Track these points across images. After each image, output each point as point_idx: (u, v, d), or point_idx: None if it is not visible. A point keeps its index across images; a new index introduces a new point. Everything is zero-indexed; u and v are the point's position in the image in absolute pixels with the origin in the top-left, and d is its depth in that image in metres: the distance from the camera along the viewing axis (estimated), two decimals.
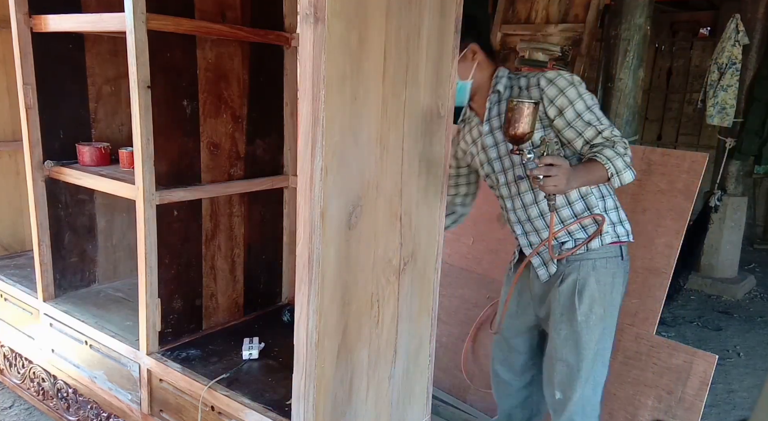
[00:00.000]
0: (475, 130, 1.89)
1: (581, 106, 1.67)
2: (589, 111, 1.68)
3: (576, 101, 1.67)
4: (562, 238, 1.78)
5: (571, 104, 1.67)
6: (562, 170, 1.49)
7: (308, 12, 1.23)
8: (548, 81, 1.68)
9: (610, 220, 1.77)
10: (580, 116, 1.67)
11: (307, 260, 1.36)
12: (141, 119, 1.72)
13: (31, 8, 2.00)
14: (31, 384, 2.43)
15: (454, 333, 2.83)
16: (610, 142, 1.66)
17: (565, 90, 1.67)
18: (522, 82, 1.75)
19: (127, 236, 2.43)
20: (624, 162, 1.63)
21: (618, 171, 1.63)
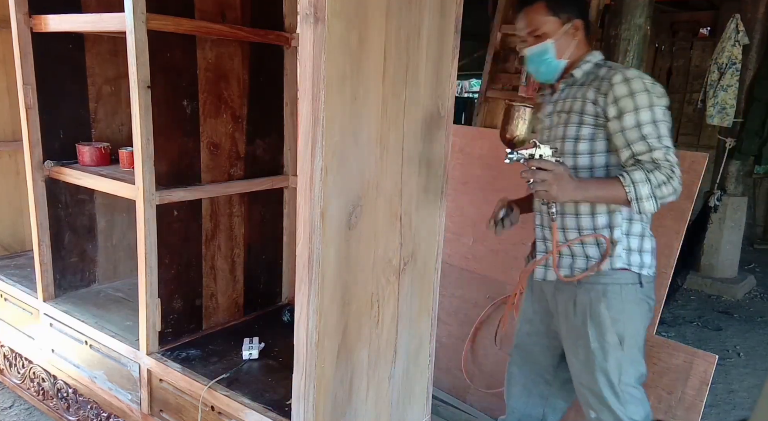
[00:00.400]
0: (544, 106, 1.81)
1: (646, 117, 1.53)
2: (652, 125, 1.53)
3: (642, 110, 1.53)
4: (576, 252, 1.70)
5: (636, 111, 1.53)
6: (553, 176, 1.45)
7: (308, 12, 1.24)
8: (623, 79, 1.56)
9: (628, 245, 1.66)
10: (639, 126, 1.53)
11: (307, 260, 1.36)
12: (141, 119, 1.72)
13: (31, 8, 2.00)
14: (31, 384, 2.42)
15: (454, 333, 2.83)
16: (654, 165, 1.51)
17: (635, 93, 1.53)
18: (602, 72, 1.64)
19: (127, 236, 2.43)
20: (649, 190, 1.49)
21: (639, 197, 1.49)
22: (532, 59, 1.70)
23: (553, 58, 1.68)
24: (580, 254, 1.71)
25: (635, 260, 1.67)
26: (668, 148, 1.53)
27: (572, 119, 1.65)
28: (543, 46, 1.67)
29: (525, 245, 2.67)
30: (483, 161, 2.86)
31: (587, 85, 1.65)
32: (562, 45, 1.68)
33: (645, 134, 1.53)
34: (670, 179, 1.50)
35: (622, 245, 1.66)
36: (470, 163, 2.90)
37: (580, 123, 1.64)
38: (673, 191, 1.51)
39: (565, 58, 1.69)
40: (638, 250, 1.67)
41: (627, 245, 1.66)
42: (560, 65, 1.69)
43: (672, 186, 1.50)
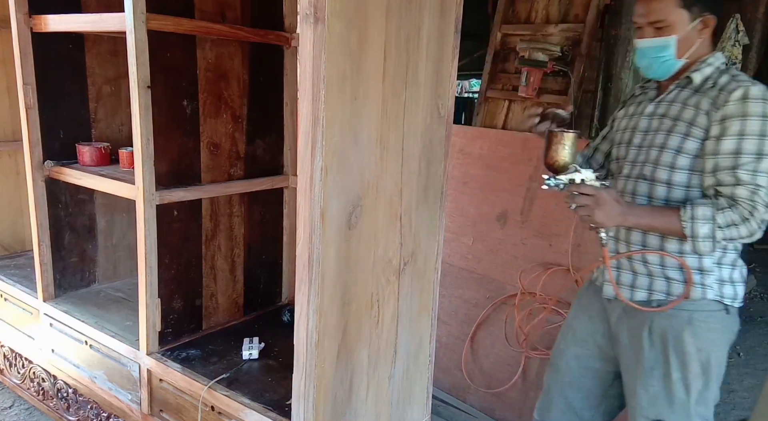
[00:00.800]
0: (642, 104, 1.62)
1: (750, 146, 1.35)
2: (753, 157, 1.35)
3: (749, 138, 1.35)
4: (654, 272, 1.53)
5: (740, 137, 1.36)
6: (595, 201, 1.37)
7: (308, 12, 1.23)
8: (742, 96, 1.36)
9: (720, 276, 1.49)
10: (737, 155, 1.36)
11: (307, 260, 1.36)
12: (141, 119, 1.72)
13: (31, 8, 2.00)
14: (31, 384, 2.42)
15: (454, 333, 2.83)
16: (730, 202, 1.36)
17: (749, 117, 1.35)
18: (723, 80, 1.44)
19: (127, 235, 2.43)
20: (709, 230, 1.36)
21: (694, 235, 1.37)
22: (645, 53, 1.50)
23: (673, 57, 1.47)
24: (659, 275, 1.53)
25: (728, 292, 1.51)
26: (759, 187, 1.35)
27: (678, 128, 1.47)
28: (664, 42, 1.47)
29: (525, 245, 2.67)
30: (483, 161, 2.87)
31: (703, 92, 1.46)
32: (686, 43, 1.47)
33: (739, 165, 1.36)
34: (745, 221, 1.35)
35: (714, 275, 1.49)
36: (470, 163, 2.90)
37: (686, 135, 1.45)
38: (748, 234, 1.36)
39: (686, 58, 1.48)
40: (730, 280, 1.51)
41: (719, 275, 1.50)
42: (678, 65, 1.49)
43: (747, 228, 1.36)
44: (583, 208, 1.40)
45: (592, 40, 2.94)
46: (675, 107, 1.50)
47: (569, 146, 1.42)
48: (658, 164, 1.49)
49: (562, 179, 1.41)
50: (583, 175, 1.41)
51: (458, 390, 2.76)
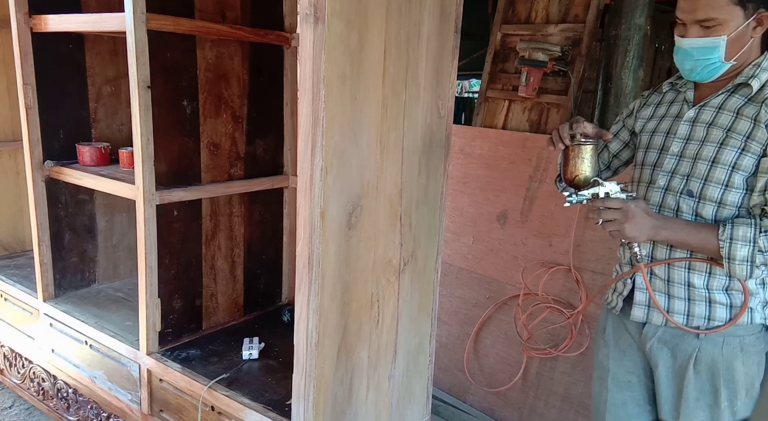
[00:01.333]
0: (676, 106, 1.46)
1: None
2: None
3: None
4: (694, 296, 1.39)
5: None
6: (623, 214, 1.28)
7: (308, 12, 1.24)
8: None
9: (764, 298, 1.38)
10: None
11: (307, 260, 1.36)
12: (141, 119, 1.72)
13: (31, 8, 2.00)
14: (31, 384, 2.42)
15: (454, 333, 2.83)
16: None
17: None
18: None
19: (127, 235, 2.43)
20: (748, 253, 1.26)
21: (731, 257, 1.27)
22: (689, 54, 1.33)
23: (721, 60, 1.31)
24: (700, 299, 1.39)
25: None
26: None
27: (731, 141, 1.31)
28: (713, 43, 1.29)
29: (525, 245, 2.67)
30: (483, 161, 2.87)
31: (759, 101, 1.30)
32: (738, 43, 1.30)
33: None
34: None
35: (758, 297, 1.38)
36: (470, 163, 2.90)
37: (743, 149, 1.30)
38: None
39: (734, 61, 1.32)
40: None
41: (764, 297, 1.39)
42: (725, 68, 1.34)
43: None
44: (612, 223, 1.30)
45: (592, 40, 2.94)
46: (725, 116, 1.34)
47: (588, 158, 1.34)
48: (709, 181, 1.34)
49: (585, 195, 1.33)
50: (607, 188, 1.32)
51: (458, 390, 2.76)
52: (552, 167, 2.64)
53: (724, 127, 1.33)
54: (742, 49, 1.31)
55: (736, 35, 1.28)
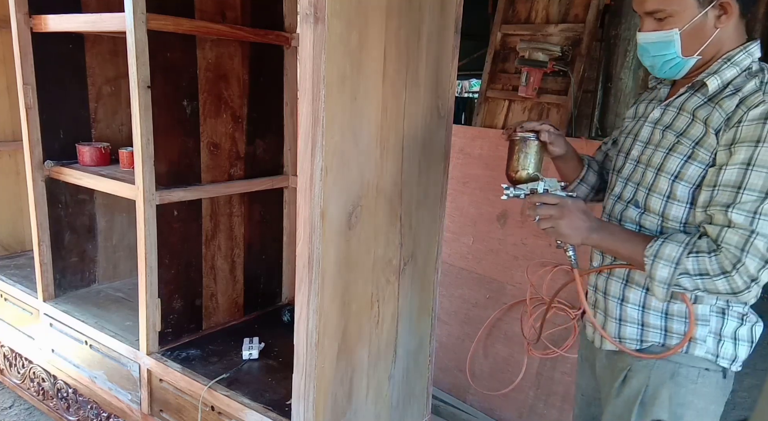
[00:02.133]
0: (651, 105, 1.32)
1: (757, 181, 1.05)
2: (759, 196, 1.05)
3: (758, 169, 1.05)
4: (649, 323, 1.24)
5: (747, 167, 1.06)
6: (559, 210, 1.17)
7: (308, 12, 1.23)
8: (763, 117, 1.06)
9: (718, 328, 1.19)
10: (740, 190, 1.06)
11: (307, 260, 1.35)
12: (141, 119, 1.72)
13: (31, 8, 2.00)
14: (31, 384, 2.42)
15: (454, 333, 2.83)
16: (712, 247, 1.08)
17: (763, 142, 1.05)
18: (750, 86, 1.12)
19: (127, 235, 2.43)
20: (668, 274, 1.10)
21: (652, 277, 1.13)
22: (646, 50, 1.21)
23: (677, 55, 1.17)
24: (631, 321, 1.26)
25: (727, 352, 1.20)
26: (755, 234, 1.05)
27: (680, 148, 1.17)
28: (665, 36, 1.16)
29: (525, 245, 2.67)
30: (483, 161, 2.87)
31: (718, 102, 1.14)
32: (696, 37, 1.15)
33: (738, 202, 1.06)
34: (725, 274, 1.06)
35: (708, 327, 1.20)
36: (470, 163, 2.90)
37: (689, 157, 1.15)
38: (728, 291, 1.08)
39: (697, 56, 1.17)
40: (731, 337, 1.20)
41: (716, 328, 1.20)
42: (688, 64, 1.19)
43: (728, 284, 1.06)
44: (546, 220, 1.19)
45: (592, 40, 2.94)
46: (682, 119, 1.19)
47: (532, 154, 1.28)
48: (653, 191, 1.21)
49: (523, 189, 1.25)
50: (546, 184, 1.24)
51: (458, 390, 2.76)
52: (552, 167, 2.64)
53: (678, 131, 1.19)
54: (706, 43, 1.16)
55: (691, 28, 1.14)
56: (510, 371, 2.62)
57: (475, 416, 2.65)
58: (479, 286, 2.79)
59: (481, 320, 2.75)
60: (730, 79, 1.16)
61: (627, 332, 1.27)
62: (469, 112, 7.52)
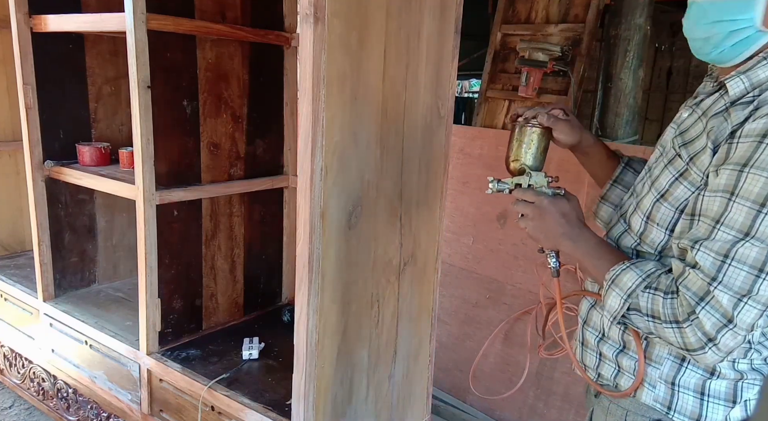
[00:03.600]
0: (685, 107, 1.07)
1: (738, 216, 0.84)
2: (736, 236, 0.84)
3: (742, 202, 0.83)
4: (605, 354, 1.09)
5: (730, 197, 0.85)
6: (535, 211, 1.06)
7: (308, 12, 1.23)
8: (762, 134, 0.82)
9: (665, 374, 1.00)
10: (716, 223, 0.86)
11: (307, 260, 1.35)
12: (141, 119, 1.72)
13: (31, 8, 2.00)
14: (31, 384, 2.42)
15: (454, 333, 2.83)
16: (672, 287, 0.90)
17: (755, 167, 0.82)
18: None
19: (127, 235, 2.43)
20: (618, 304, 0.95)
21: (604, 303, 0.99)
22: (703, 11, 0.91)
23: (753, 24, 0.87)
24: (610, 360, 1.08)
25: (684, 408, 0.99)
26: (719, 286, 0.84)
27: (677, 161, 0.98)
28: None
29: (525, 245, 2.67)
30: (483, 161, 2.87)
31: (732, 109, 0.90)
32: None
33: (709, 239, 0.86)
34: (676, 324, 0.88)
35: (659, 372, 1.01)
36: (470, 163, 2.90)
37: (681, 175, 0.96)
38: (679, 345, 0.90)
39: None
40: (697, 391, 0.99)
41: (668, 374, 1.01)
42: (756, 43, 0.88)
43: (678, 336, 0.88)
44: (523, 219, 1.08)
45: (592, 40, 2.94)
46: (698, 126, 0.96)
47: (528, 143, 1.15)
48: (639, 207, 1.05)
49: (507, 183, 1.14)
50: (533, 179, 1.12)
51: (458, 390, 2.76)
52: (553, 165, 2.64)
53: (685, 140, 0.98)
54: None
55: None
56: (510, 372, 2.62)
57: (476, 416, 2.65)
58: (479, 286, 2.79)
59: (481, 320, 2.75)
60: (762, 82, 0.87)
61: (587, 359, 1.13)
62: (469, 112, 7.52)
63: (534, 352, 2.56)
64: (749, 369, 0.98)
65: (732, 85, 0.90)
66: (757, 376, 0.98)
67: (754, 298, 0.83)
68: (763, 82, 0.87)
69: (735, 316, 0.83)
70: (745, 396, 0.98)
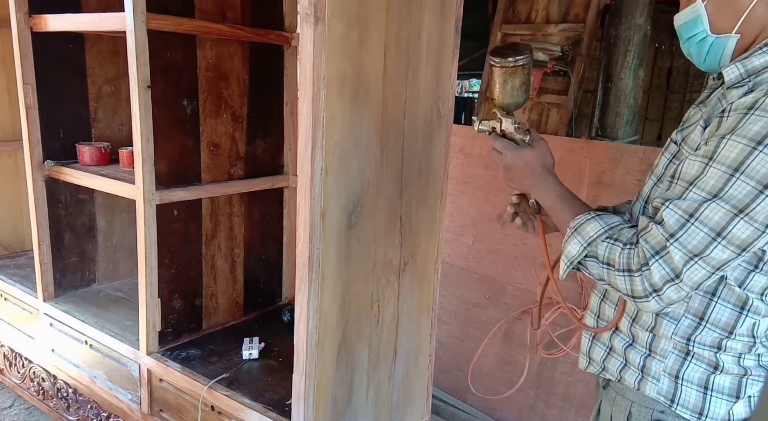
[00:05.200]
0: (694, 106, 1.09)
1: (712, 180, 0.86)
2: (705, 198, 0.86)
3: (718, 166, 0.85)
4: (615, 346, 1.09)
5: (708, 162, 0.87)
6: (502, 159, 1.11)
7: (308, 12, 1.23)
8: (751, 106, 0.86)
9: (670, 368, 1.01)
10: (690, 185, 0.89)
11: (307, 259, 1.35)
12: (141, 119, 1.71)
13: (31, 8, 2.00)
14: (31, 384, 2.42)
15: (454, 333, 2.83)
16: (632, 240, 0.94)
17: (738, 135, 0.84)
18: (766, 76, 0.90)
19: (127, 235, 2.43)
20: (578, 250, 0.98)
21: (563, 249, 1.02)
22: (680, 34, 1.03)
23: (707, 32, 0.97)
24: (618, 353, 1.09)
25: (688, 401, 1.00)
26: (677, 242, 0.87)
27: (672, 146, 1.03)
28: (691, 12, 0.99)
29: (525, 245, 2.67)
30: (483, 161, 2.86)
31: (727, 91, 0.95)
32: (726, 7, 0.94)
33: (680, 198, 0.89)
34: (628, 272, 0.92)
35: (664, 363, 1.01)
36: (470, 163, 2.90)
37: (673, 156, 1.02)
38: (626, 292, 0.93)
39: (735, 34, 0.95)
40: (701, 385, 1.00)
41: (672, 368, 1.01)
42: (723, 46, 0.96)
43: (628, 283, 0.92)
44: (499, 167, 1.13)
45: (592, 39, 2.94)
46: (696, 116, 1.02)
47: (502, 83, 1.10)
48: (639, 196, 1.09)
49: (485, 127, 1.15)
50: (504, 124, 1.11)
51: (458, 390, 2.76)
52: None
53: (685, 127, 1.03)
54: (743, 15, 0.92)
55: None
56: (509, 371, 2.62)
57: (476, 416, 2.65)
58: (479, 286, 2.79)
59: (481, 320, 2.75)
60: (758, 69, 0.91)
61: (594, 352, 1.13)
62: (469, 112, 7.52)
63: (534, 352, 2.56)
64: (755, 365, 0.99)
65: (728, 72, 0.95)
66: (762, 372, 0.99)
67: (705, 259, 0.87)
68: (758, 69, 0.92)
69: (683, 272, 0.87)
70: (749, 392, 0.99)
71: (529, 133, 1.11)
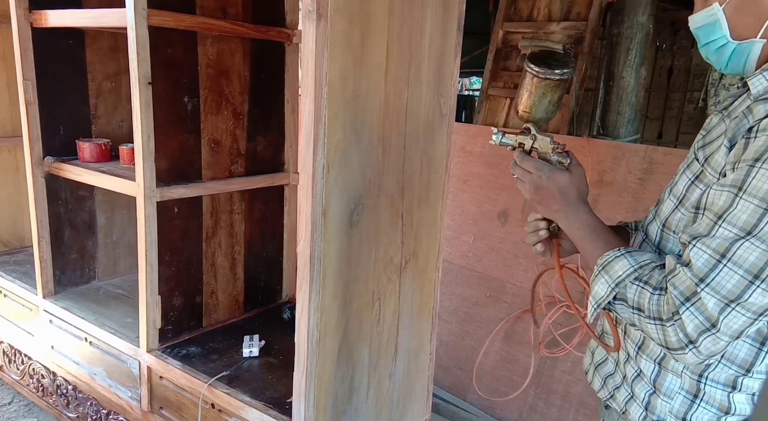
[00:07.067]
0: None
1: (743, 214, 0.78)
2: (738, 235, 0.78)
3: (748, 198, 0.78)
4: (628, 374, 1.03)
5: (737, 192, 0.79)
6: (532, 182, 1.01)
7: (311, 8, 1.23)
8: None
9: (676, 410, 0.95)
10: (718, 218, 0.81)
11: (308, 257, 1.35)
12: (142, 116, 1.71)
13: (32, 3, 1.99)
14: (31, 380, 2.42)
15: (454, 331, 2.83)
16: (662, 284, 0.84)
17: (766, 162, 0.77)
18: None
19: (128, 232, 2.43)
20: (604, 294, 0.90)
21: (591, 292, 0.93)
22: (697, 37, 0.95)
23: (727, 39, 0.90)
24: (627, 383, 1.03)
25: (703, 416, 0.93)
26: (707, 286, 0.79)
27: (695, 165, 0.94)
28: (707, 17, 0.91)
29: (526, 244, 2.67)
30: (484, 159, 2.86)
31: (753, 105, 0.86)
32: (747, 11, 0.87)
33: (709, 235, 0.81)
34: (658, 321, 0.84)
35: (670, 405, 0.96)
36: (471, 161, 2.90)
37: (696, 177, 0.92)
38: (660, 342, 0.85)
39: (756, 38, 0.87)
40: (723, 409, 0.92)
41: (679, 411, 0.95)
42: (748, 52, 0.89)
43: (661, 333, 0.84)
44: (520, 183, 1.04)
45: (594, 38, 2.93)
46: (719, 128, 0.92)
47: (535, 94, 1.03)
48: (657, 215, 1.01)
49: (510, 141, 1.05)
50: (538, 142, 1.03)
51: (458, 388, 2.76)
52: None
53: (707, 142, 0.94)
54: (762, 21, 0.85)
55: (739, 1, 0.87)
56: (510, 370, 2.62)
57: (476, 414, 2.65)
58: (480, 284, 2.79)
59: (481, 319, 2.75)
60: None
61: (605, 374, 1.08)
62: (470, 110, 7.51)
63: (536, 351, 2.55)
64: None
65: (754, 83, 0.87)
66: None
67: (743, 304, 0.77)
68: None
69: (720, 321, 0.78)
70: None
71: (568, 155, 1.03)
